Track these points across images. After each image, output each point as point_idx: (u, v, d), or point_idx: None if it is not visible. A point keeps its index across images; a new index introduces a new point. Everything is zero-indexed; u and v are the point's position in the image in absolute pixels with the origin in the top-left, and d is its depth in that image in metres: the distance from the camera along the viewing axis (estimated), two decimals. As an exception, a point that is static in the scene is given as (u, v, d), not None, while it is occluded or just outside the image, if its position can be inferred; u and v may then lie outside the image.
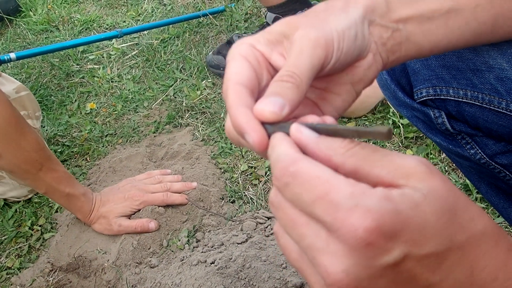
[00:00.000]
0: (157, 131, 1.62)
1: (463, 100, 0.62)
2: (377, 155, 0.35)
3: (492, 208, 1.16)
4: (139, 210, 1.28)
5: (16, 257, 1.28)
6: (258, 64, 0.44)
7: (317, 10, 0.46)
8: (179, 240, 1.22)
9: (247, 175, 1.38)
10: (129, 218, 1.28)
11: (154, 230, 1.24)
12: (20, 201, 1.43)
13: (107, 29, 2.20)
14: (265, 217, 1.24)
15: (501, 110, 0.60)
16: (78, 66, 1.97)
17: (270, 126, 0.41)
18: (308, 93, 0.48)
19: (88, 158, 1.56)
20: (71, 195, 1.24)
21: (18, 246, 1.31)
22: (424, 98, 0.65)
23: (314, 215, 0.33)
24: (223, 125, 1.56)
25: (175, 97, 1.73)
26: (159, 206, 1.28)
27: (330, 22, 0.44)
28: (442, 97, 0.63)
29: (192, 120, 1.63)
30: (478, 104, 0.61)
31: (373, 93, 1.48)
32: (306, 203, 0.33)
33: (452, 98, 0.62)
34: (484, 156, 0.66)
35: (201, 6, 2.18)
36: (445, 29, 0.49)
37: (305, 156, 0.35)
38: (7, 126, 1.13)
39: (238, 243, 1.14)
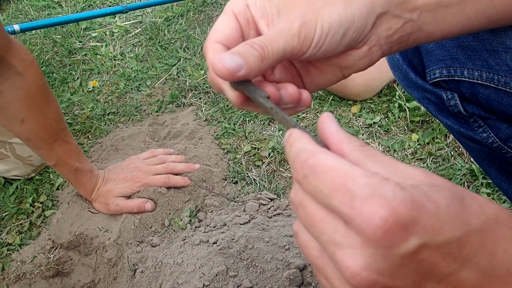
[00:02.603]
0: (159, 110, 1.61)
1: (478, 81, 0.60)
2: (383, 157, 0.35)
3: (497, 194, 1.15)
4: (139, 191, 1.28)
5: (17, 233, 1.28)
6: (247, 24, 0.46)
7: None
8: (181, 220, 1.21)
9: (250, 156, 1.37)
10: (129, 198, 1.27)
11: (150, 210, 1.23)
12: (22, 178, 1.42)
13: (110, 6, 2.17)
14: (268, 198, 1.23)
15: (516, 93, 0.58)
16: (80, 44, 1.95)
17: (240, 88, 0.43)
18: (295, 62, 0.50)
19: (90, 136, 1.55)
20: (79, 170, 1.23)
21: (19, 223, 1.30)
22: (438, 79, 0.63)
23: (331, 206, 0.33)
24: (227, 105, 1.55)
25: (178, 77, 1.71)
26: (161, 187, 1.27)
27: (322, 14, 0.43)
28: (456, 78, 0.61)
29: (195, 99, 1.61)
30: (494, 86, 0.59)
31: (379, 77, 1.46)
32: (324, 194, 0.33)
33: (467, 80, 0.61)
34: (497, 140, 0.65)
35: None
36: (461, 16, 0.48)
37: (324, 149, 0.35)
38: (35, 90, 1.13)
39: (241, 224, 1.14)
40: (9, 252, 1.23)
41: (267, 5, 0.45)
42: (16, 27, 1.63)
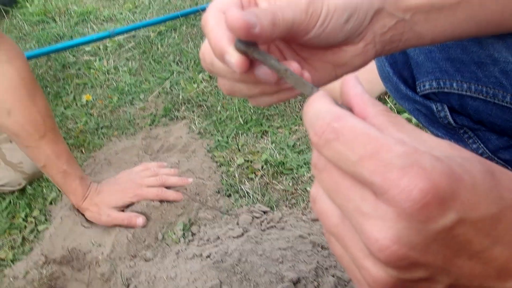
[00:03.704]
0: (153, 123, 1.61)
1: (467, 93, 0.61)
2: (408, 126, 0.33)
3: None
4: (133, 203, 1.27)
5: (10, 249, 1.27)
6: (248, 5, 0.45)
7: None
8: (175, 234, 1.21)
9: (243, 168, 1.37)
10: (122, 211, 1.26)
11: (140, 226, 1.23)
12: (14, 191, 1.41)
13: (104, 20, 2.18)
14: (261, 211, 1.23)
15: (505, 104, 0.59)
16: (74, 58, 1.95)
17: (246, 52, 0.41)
18: (290, 57, 0.49)
19: (83, 150, 1.55)
20: (68, 174, 1.23)
21: (12, 238, 1.29)
22: (427, 91, 0.64)
23: (359, 175, 0.31)
24: (220, 118, 1.55)
25: (172, 90, 1.72)
26: (154, 200, 1.27)
27: None
28: (445, 90, 0.62)
29: (189, 113, 1.61)
30: (482, 97, 0.60)
31: (370, 89, 1.47)
32: (351, 162, 0.31)
33: (456, 92, 0.62)
34: (487, 150, 0.65)
35: (198, -1, 2.17)
36: (452, 20, 0.49)
37: (350, 113, 0.33)
38: (21, 81, 1.14)
39: (234, 237, 1.13)
40: (1, 268, 1.22)
41: None
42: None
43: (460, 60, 0.60)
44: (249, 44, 0.41)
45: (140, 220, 1.22)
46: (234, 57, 0.40)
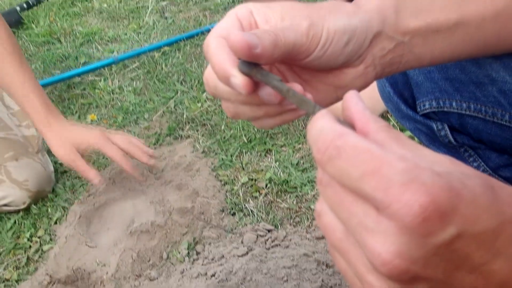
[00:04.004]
0: (157, 142, 1.62)
1: (466, 112, 0.62)
2: (409, 141, 0.33)
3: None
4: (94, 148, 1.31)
5: (14, 269, 1.27)
6: (250, 28, 0.45)
7: (323, 6, 0.46)
8: (179, 253, 1.21)
9: (248, 187, 1.38)
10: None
11: (94, 182, 1.27)
12: (19, 210, 1.42)
13: (108, 41, 2.21)
14: (266, 229, 1.23)
15: (504, 123, 0.60)
16: (79, 78, 1.98)
17: (249, 73, 0.42)
18: (291, 79, 0.50)
19: (88, 170, 1.56)
20: (31, 95, 1.25)
21: (17, 258, 1.30)
22: (427, 111, 0.65)
23: (362, 191, 0.31)
24: (224, 137, 1.56)
25: (176, 109, 1.73)
26: (157, 220, 1.27)
27: (326, 20, 0.44)
28: (445, 109, 0.63)
29: (193, 132, 1.63)
30: (481, 116, 0.61)
31: (373, 107, 1.48)
32: (354, 178, 0.31)
33: (455, 111, 0.63)
34: (487, 169, 0.66)
35: (202, 20, 2.20)
36: (450, 41, 0.49)
37: (352, 131, 0.33)
38: None
39: (239, 256, 1.14)
40: (6, 288, 1.23)
41: (270, 12, 0.46)
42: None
43: (458, 80, 0.61)
44: (252, 65, 0.42)
45: (96, 178, 1.24)
46: (239, 79, 0.41)
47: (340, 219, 0.34)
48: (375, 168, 0.31)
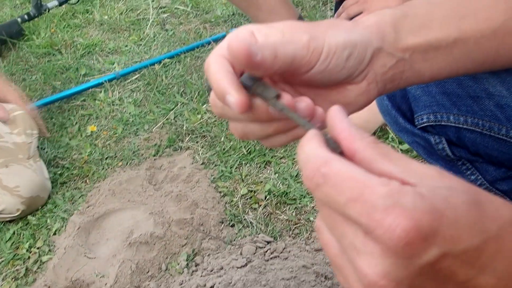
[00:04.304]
0: (157, 154, 1.63)
1: (464, 126, 0.63)
2: (397, 155, 0.35)
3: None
4: None
5: (13, 279, 1.27)
6: None
7: (323, 23, 0.47)
8: (178, 264, 1.21)
9: (247, 199, 1.38)
10: None
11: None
12: (15, 219, 1.41)
13: (109, 53, 2.22)
14: (265, 241, 1.24)
15: (501, 137, 0.60)
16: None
17: (250, 87, 0.42)
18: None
19: (87, 181, 1.56)
20: None
21: (15, 269, 1.30)
22: (425, 124, 0.66)
23: (348, 216, 0.33)
24: (223, 149, 1.57)
25: (176, 121, 1.74)
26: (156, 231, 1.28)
27: (327, 35, 0.45)
28: (442, 123, 0.64)
29: (193, 143, 1.63)
30: (478, 130, 0.62)
31: (373, 119, 1.49)
32: (340, 204, 0.33)
33: (453, 125, 0.63)
34: (485, 182, 0.67)
35: (202, 32, 2.21)
36: (449, 58, 0.50)
37: (336, 156, 0.35)
38: None
39: (238, 267, 1.14)
40: (4, 299, 1.23)
41: (271, 31, 0.46)
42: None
43: (456, 94, 0.62)
44: (254, 79, 0.42)
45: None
46: (234, 97, 0.41)
47: (335, 237, 0.36)
48: (358, 194, 0.32)
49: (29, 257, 1.33)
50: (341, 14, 1.76)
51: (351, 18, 1.76)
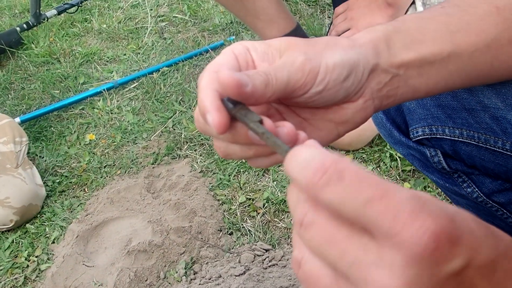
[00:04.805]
0: (155, 162, 1.63)
1: (459, 139, 0.63)
2: (375, 180, 0.31)
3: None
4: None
5: (12, 288, 1.27)
6: (246, 66, 0.45)
7: (320, 41, 0.46)
8: (177, 272, 1.22)
9: (245, 207, 1.39)
10: None
11: None
12: (10, 229, 1.41)
13: (107, 61, 2.23)
14: (263, 249, 1.24)
15: (497, 149, 0.61)
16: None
17: (233, 110, 0.41)
18: (290, 119, 0.49)
19: (86, 189, 1.57)
20: None
21: (14, 277, 1.30)
22: (420, 137, 0.66)
23: (364, 219, 0.29)
24: (222, 157, 1.57)
25: (174, 129, 1.75)
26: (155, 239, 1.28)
27: (324, 56, 0.44)
28: (438, 136, 0.64)
29: (191, 151, 1.64)
30: (474, 143, 0.62)
31: (370, 127, 1.50)
32: (357, 204, 0.29)
33: (448, 137, 0.64)
34: (481, 194, 0.67)
35: (200, 40, 2.22)
36: (444, 72, 0.50)
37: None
38: None
39: (236, 275, 1.14)
40: (3, 308, 1.23)
41: (268, 49, 0.45)
42: (17, 119, 1.77)
43: (451, 107, 0.63)
44: (235, 103, 0.41)
45: None
46: (213, 116, 0.40)
47: (327, 262, 0.32)
48: (382, 194, 0.29)
49: (27, 266, 1.33)
50: (331, 33, 1.79)
51: (339, 35, 1.77)
